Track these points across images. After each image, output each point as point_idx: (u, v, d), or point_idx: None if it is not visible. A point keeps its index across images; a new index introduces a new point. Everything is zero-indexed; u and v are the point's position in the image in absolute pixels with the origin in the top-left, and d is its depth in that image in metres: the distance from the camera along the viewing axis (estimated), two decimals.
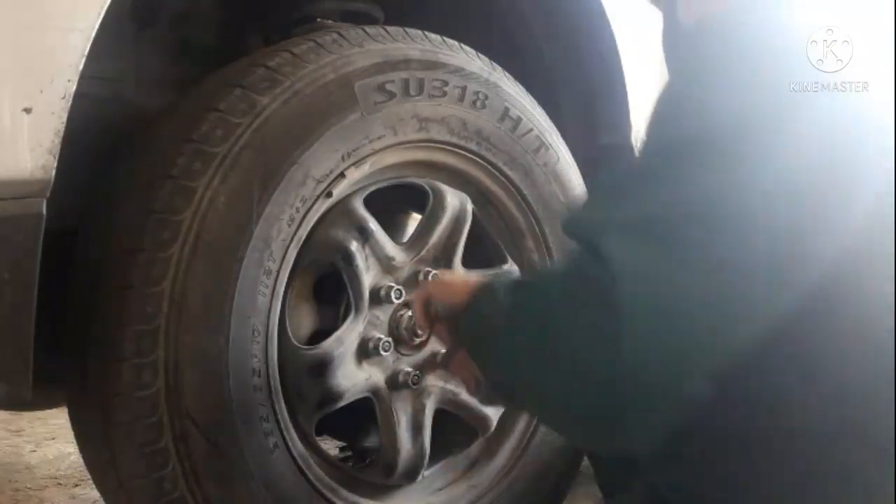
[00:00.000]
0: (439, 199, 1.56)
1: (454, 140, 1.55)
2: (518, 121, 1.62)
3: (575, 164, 1.72)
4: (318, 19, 1.65)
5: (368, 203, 1.49)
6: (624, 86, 1.79)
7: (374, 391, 1.49)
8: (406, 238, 1.62)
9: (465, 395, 1.57)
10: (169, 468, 1.28)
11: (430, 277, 1.52)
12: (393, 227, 1.71)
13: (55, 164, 1.12)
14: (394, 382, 1.51)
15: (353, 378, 1.46)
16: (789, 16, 0.98)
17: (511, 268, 1.65)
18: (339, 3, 1.69)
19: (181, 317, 1.27)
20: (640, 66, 1.79)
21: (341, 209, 1.45)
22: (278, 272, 1.37)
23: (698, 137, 0.92)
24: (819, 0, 1.05)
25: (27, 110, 1.10)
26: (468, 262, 1.60)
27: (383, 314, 1.50)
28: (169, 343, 1.26)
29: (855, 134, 0.94)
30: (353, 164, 1.43)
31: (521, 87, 1.66)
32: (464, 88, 1.55)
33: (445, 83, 1.53)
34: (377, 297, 1.48)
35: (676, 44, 1.17)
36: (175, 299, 1.27)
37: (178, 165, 1.30)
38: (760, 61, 0.94)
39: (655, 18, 1.44)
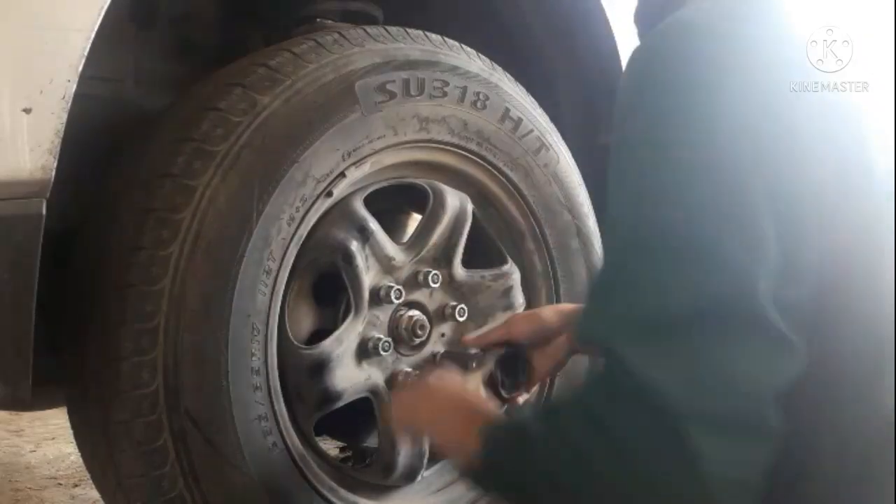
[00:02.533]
0: (439, 199, 1.56)
1: (455, 140, 1.55)
2: (518, 121, 1.62)
3: (575, 165, 1.72)
4: (318, 19, 1.65)
5: (368, 203, 1.49)
6: None
7: (374, 391, 1.49)
8: (406, 238, 1.62)
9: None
10: (167, 467, 1.28)
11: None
12: (393, 228, 1.71)
13: (55, 165, 1.12)
14: (394, 383, 1.50)
15: (353, 378, 1.46)
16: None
17: (511, 268, 1.65)
18: (338, 3, 1.69)
19: (180, 315, 1.27)
20: None
21: (341, 209, 1.45)
22: (278, 271, 1.36)
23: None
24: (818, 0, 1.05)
25: (27, 111, 1.10)
26: (468, 263, 1.60)
27: (383, 314, 1.50)
28: (168, 342, 1.26)
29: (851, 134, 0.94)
30: (354, 163, 1.43)
31: (521, 87, 1.66)
32: (464, 89, 1.55)
33: (446, 83, 1.53)
34: (377, 297, 1.48)
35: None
36: (174, 298, 1.27)
37: (179, 164, 1.30)
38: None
39: None
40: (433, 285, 1.54)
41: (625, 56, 1.79)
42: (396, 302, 1.50)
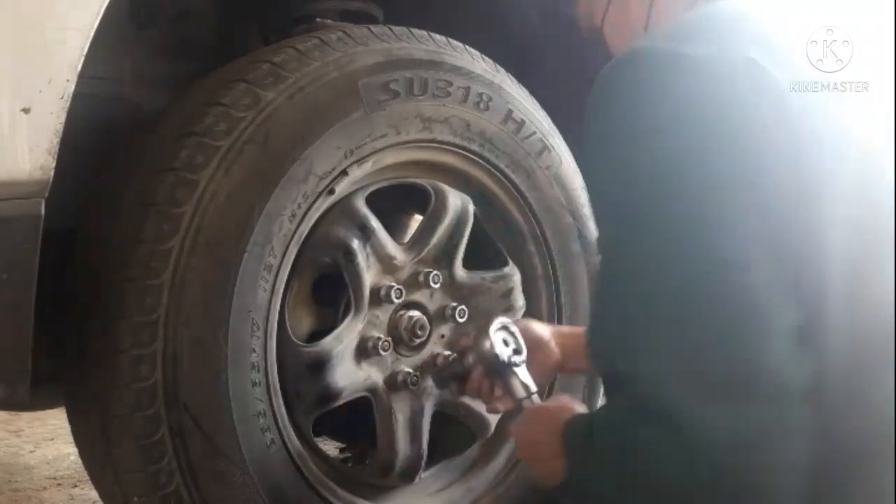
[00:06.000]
0: (441, 199, 1.56)
1: (457, 141, 1.55)
2: (521, 123, 1.61)
3: (577, 168, 1.72)
4: (318, 19, 1.65)
5: (370, 202, 1.49)
6: None
7: (373, 391, 1.49)
8: (407, 238, 1.62)
9: (464, 398, 1.57)
10: (164, 462, 1.28)
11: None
12: (394, 227, 1.71)
13: (54, 165, 1.12)
14: (392, 383, 1.50)
15: (352, 377, 1.46)
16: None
17: (511, 270, 1.64)
18: (338, 3, 1.69)
19: (180, 309, 1.27)
20: None
21: (343, 207, 1.45)
22: (279, 268, 1.36)
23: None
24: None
25: (26, 110, 1.10)
26: (469, 263, 1.60)
27: (383, 314, 1.50)
28: (168, 335, 1.26)
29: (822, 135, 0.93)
30: (356, 161, 1.43)
31: (524, 89, 1.66)
32: (467, 89, 1.55)
33: (449, 84, 1.53)
34: (377, 297, 1.48)
35: None
36: (174, 292, 1.27)
37: (181, 158, 1.30)
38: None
39: None
40: (434, 286, 1.54)
41: None
42: (397, 302, 1.50)
